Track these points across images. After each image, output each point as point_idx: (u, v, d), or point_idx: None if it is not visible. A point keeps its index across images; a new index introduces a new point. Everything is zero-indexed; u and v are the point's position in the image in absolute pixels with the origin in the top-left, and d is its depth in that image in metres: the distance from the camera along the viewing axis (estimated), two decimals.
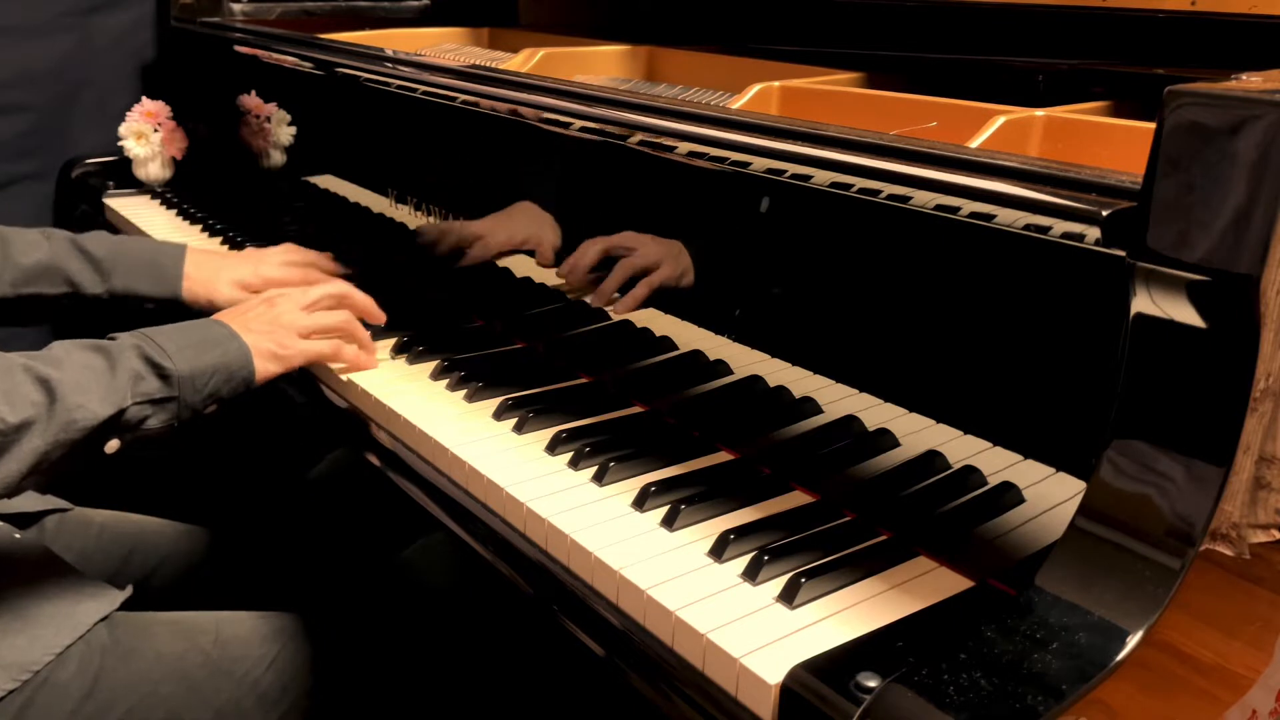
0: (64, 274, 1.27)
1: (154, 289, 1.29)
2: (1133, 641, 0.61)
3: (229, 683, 1.02)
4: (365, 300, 1.18)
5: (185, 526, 1.32)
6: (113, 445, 0.94)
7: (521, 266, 1.22)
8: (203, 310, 1.28)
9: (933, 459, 0.83)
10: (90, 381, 0.92)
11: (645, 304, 1.06)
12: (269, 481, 1.57)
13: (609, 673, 0.79)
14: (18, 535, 1.12)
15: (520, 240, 1.22)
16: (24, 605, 0.98)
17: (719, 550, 0.80)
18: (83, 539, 1.23)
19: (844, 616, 0.73)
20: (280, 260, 1.35)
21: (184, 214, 1.74)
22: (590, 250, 1.11)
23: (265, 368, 1.05)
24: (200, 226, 1.67)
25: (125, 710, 0.97)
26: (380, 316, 1.19)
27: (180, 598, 1.15)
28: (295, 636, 1.07)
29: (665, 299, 1.05)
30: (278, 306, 1.11)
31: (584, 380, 1.12)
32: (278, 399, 1.22)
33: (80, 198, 1.90)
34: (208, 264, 1.31)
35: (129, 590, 1.04)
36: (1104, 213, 0.65)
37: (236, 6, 1.95)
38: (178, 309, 1.30)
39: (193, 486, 1.64)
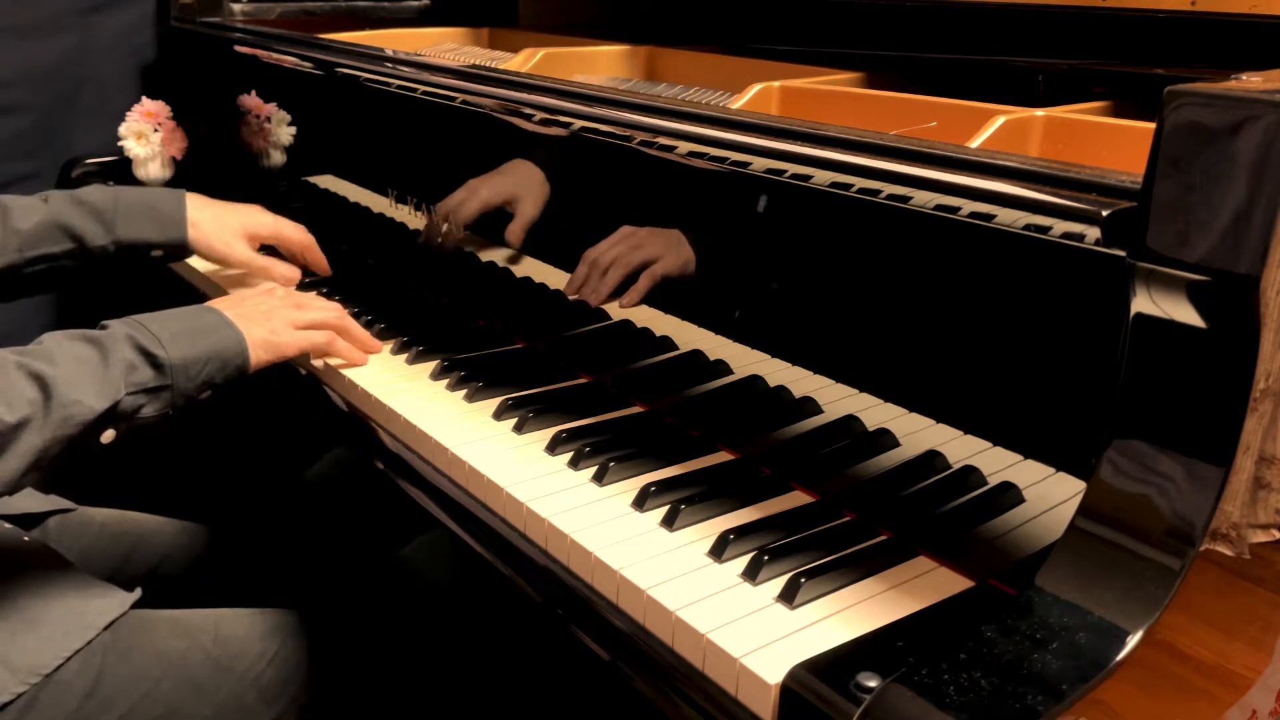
0: (66, 228, 1.25)
1: (160, 234, 1.28)
2: (1133, 641, 0.61)
3: (230, 679, 1.02)
4: (361, 331, 1.17)
5: (186, 524, 1.32)
6: (108, 435, 0.94)
7: (521, 266, 1.22)
8: (209, 260, 1.33)
9: (932, 459, 0.83)
10: (84, 375, 0.91)
11: (647, 299, 1.06)
12: (268, 480, 1.57)
13: (608, 672, 0.79)
14: (26, 538, 1.12)
15: (507, 198, 1.21)
16: (32, 608, 0.98)
17: (719, 550, 0.80)
18: (84, 538, 1.23)
19: (844, 616, 0.73)
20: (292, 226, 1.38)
21: None
22: (597, 268, 1.11)
23: (259, 356, 1.05)
24: None
25: (127, 707, 0.97)
26: (377, 346, 1.17)
27: (181, 595, 1.15)
28: (294, 633, 1.07)
29: (665, 298, 1.05)
30: (274, 298, 1.11)
31: (584, 380, 1.12)
32: (277, 398, 1.22)
33: None
34: (209, 207, 1.33)
35: (138, 592, 1.04)
36: (1104, 213, 0.66)
37: (236, 6, 1.95)
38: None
39: (193, 485, 1.64)
